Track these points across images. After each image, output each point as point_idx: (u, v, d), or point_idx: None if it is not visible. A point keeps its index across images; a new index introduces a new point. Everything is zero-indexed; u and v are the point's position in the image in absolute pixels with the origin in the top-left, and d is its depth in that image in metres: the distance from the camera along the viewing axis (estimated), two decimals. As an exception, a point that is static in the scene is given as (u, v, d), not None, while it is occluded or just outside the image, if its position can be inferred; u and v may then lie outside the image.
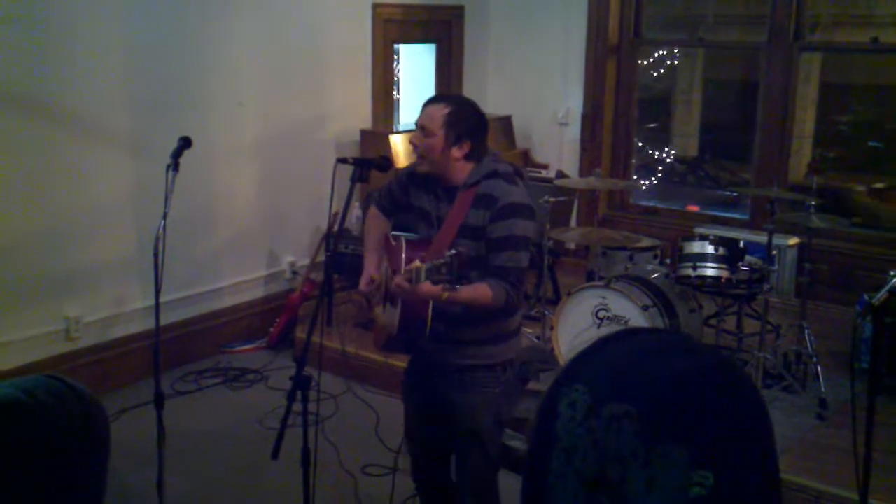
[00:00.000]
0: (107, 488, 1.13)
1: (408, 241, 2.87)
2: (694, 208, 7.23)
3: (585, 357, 0.91)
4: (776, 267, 5.15)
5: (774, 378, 4.61)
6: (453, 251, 2.50)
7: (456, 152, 2.83)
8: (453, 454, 3.14)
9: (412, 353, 3.20)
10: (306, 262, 6.04)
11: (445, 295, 2.59)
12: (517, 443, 4.14)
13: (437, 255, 2.73)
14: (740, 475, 0.82)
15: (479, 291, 2.73)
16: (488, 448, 3.02)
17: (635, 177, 7.44)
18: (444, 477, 3.24)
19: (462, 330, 2.91)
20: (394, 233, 3.08)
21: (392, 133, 6.21)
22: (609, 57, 6.92)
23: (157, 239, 3.24)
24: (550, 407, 0.88)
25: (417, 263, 2.60)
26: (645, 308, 4.42)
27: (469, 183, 2.84)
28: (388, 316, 3.00)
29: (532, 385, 4.63)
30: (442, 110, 2.82)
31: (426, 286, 2.57)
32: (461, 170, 2.86)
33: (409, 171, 3.06)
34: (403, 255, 2.80)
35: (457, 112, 2.83)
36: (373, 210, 3.22)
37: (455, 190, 2.88)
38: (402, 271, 2.68)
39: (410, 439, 3.28)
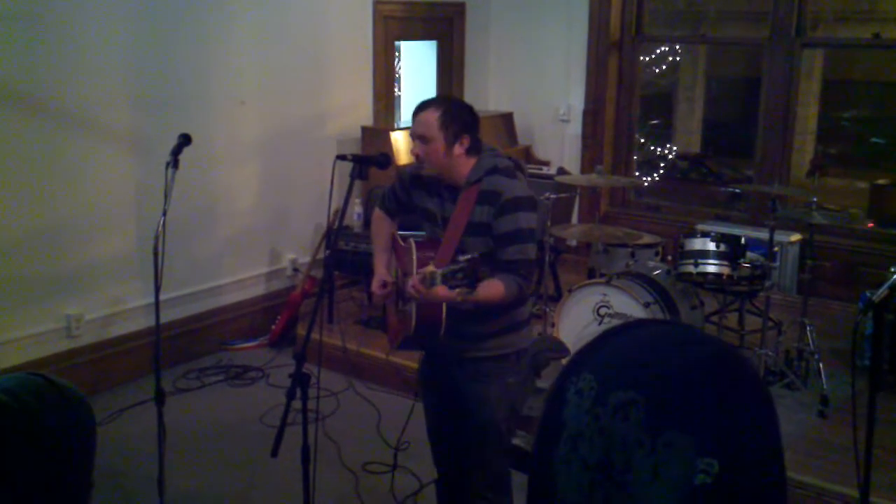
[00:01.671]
0: (94, 486, 1.12)
1: (417, 242, 2.90)
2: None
3: (594, 346, 0.93)
4: (778, 263, 5.13)
5: (776, 375, 4.60)
6: (468, 256, 2.53)
7: (458, 149, 2.87)
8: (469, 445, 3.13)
9: (426, 349, 3.21)
10: (307, 259, 6.04)
11: (461, 297, 2.63)
12: (521, 441, 4.14)
13: (447, 255, 2.77)
14: (745, 463, 0.82)
15: (493, 289, 2.76)
16: (504, 438, 3.04)
17: (637, 173, 7.43)
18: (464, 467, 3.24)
19: (475, 324, 2.94)
20: (401, 233, 3.10)
21: (393, 130, 6.21)
22: (611, 53, 6.91)
23: (157, 236, 3.24)
24: (559, 394, 0.90)
25: (432, 268, 2.63)
26: (646, 305, 4.41)
27: (471, 181, 2.88)
28: (403, 316, 3.01)
29: (538, 383, 4.62)
30: (434, 114, 2.86)
31: (442, 290, 2.61)
32: (464, 165, 2.90)
33: (411, 173, 3.08)
34: (415, 257, 2.83)
35: (449, 112, 2.88)
36: (377, 212, 3.26)
37: (458, 189, 2.91)
38: (416, 274, 2.71)
39: (430, 432, 3.29)
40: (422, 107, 2.93)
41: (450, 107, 2.91)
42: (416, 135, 2.89)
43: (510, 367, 2.99)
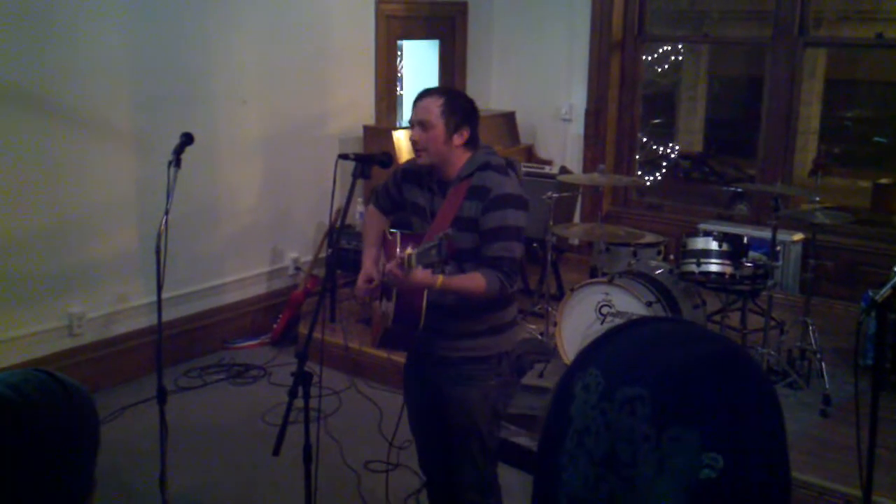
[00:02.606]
0: (97, 484, 1.12)
1: (402, 235, 2.89)
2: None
3: (599, 343, 0.93)
4: (780, 263, 5.13)
5: (778, 374, 4.59)
6: (441, 234, 2.52)
7: (457, 140, 2.87)
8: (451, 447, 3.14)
9: (409, 348, 3.20)
10: (309, 258, 6.05)
11: (440, 281, 2.64)
12: (521, 438, 4.14)
13: None
14: (750, 458, 0.83)
15: (473, 280, 2.77)
16: (486, 440, 3.03)
17: (639, 173, 7.43)
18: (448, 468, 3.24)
19: (457, 322, 2.92)
20: (391, 229, 3.10)
21: (395, 129, 6.21)
22: (613, 52, 6.90)
23: (159, 235, 3.25)
24: (566, 390, 0.91)
25: (409, 251, 2.62)
26: (648, 304, 4.41)
27: (462, 175, 2.87)
28: (385, 309, 3.00)
29: (532, 381, 4.63)
30: (437, 101, 2.87)
31: (419, 273, 2.61)
32: (459, 159, 2.89)
33: (404, 168, 3.10)
34: (398, 249, 2.81)
35: (451, 101, 2.89)
36: (371, 209, 3.26)
37: (448, 183, 2.91)
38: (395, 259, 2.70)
39: (413, 432, 3.28)
40: (424, 93, 2.93)
41: (453, 97, 2.92)
42: (417, 121, 2.88)
43: (492, 369, 2.97)
